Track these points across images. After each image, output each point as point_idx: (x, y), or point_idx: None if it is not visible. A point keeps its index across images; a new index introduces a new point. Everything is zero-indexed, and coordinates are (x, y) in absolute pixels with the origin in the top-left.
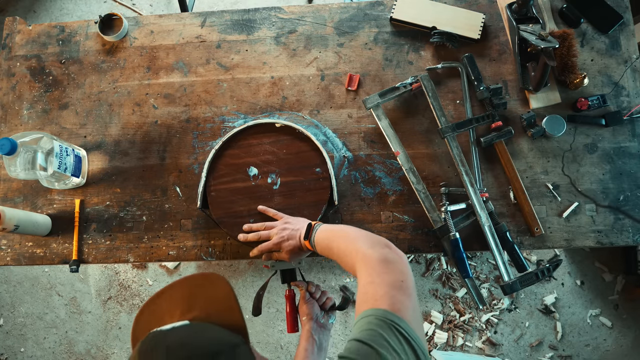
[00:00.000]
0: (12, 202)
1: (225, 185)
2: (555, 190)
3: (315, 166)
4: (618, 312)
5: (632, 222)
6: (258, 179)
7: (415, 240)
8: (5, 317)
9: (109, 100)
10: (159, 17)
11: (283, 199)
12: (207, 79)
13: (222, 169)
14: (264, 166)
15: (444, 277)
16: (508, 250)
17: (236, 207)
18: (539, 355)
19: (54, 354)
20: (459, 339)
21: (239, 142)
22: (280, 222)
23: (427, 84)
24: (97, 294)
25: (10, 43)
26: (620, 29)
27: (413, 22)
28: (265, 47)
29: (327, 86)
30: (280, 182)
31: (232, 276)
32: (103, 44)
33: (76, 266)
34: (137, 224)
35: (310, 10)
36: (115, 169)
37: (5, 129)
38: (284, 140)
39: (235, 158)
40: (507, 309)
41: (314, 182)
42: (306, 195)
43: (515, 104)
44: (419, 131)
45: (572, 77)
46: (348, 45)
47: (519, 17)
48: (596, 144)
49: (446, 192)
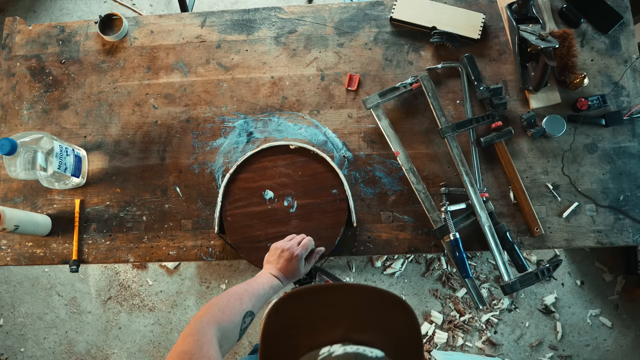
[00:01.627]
0: (12, 202)
1: (241, 209)
2: (555, 190)
3: (331, 187)
4: (618, 312)
5: (632, 222)
6: (274, 203)
7: (415, 240)
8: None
9: (109, 100)
10: (159, 17)
11: (300, 222)
12: (207, 79)
13: (237, 193)
14: (279, 189)
15: (444, 277)
16: (508, 250)
17: (253, 232)
18: (539, 355)
19: (54, 354)
20: (459, 339)
21: (252, 166)
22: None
23: (427, 84)
24: (97, 294)
25: (10, 43)
26: (620, 29)
27: (413, 22)
28: (265, 47)
29: (327, 86)
30: (297, 205)
31: (232, 276)
32: (103, 44)
33: (76, 266)
34: (137, 224)
35: (310, 10)
36: (115, 169)
37: (5, 129)
38: (299, 162)
39: (250, 182)
40: (507, 309)
41: (330, 204)
42: (323, 217)
43: (515, 104)
44: (419, 131)
45: (572, 77)
46: (348, 45)
47: (519, 17)
48: (596, 144)
49: (446, 192)
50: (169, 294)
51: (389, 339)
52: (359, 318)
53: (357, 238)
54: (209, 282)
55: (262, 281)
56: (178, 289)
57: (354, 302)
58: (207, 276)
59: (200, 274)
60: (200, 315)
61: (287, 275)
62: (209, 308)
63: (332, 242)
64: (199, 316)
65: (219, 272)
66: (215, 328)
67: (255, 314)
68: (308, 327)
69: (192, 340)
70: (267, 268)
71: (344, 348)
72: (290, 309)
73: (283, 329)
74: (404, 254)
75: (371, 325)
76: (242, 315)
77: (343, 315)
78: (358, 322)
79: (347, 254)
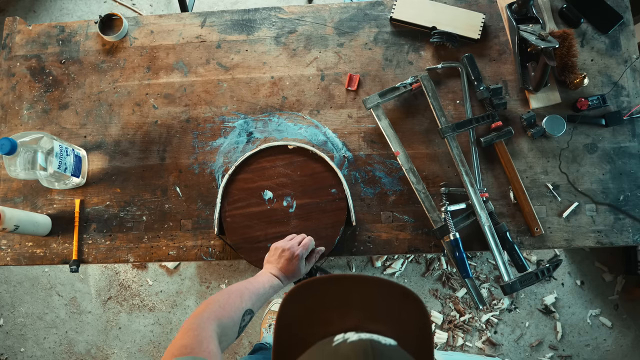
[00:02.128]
0: (12, 202)
1: (241, 210)
2: (555, 190)
3: (330, 187)
4: (618, 312)
5: (632, 222)
6: (273, 203)
7: (415, 240)
8: (5, 317)
9: (109, 100)
10: (159, 17)
11: (300, 221)
12: (207, 79)
13: (236, 194)
14: (278, 189)
15: (444, 277)
16: (508, 250)
17: (252, 232)
18: (539, 355)
19: (54, 354)
20: (459, 339)
21: (251, 166)
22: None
23: (427, 84)
24: (97, 294)
25: (10, 43)
26: (620, 29)
27: (413, 22)
28: (265, 47)
29: (327, 86)
30: (296, 204)
31: (232, 276)
32: (103, 44)
33: (76, 266)
34: (137, 224)
35: (310, 10)
36: (115, 169)
37: (5, 129)
38: (298, 162)
39: (248, 182)
40: (507, 309)
41: (330, 204)
42: (323, 217)
43: (515, 104)
44: (419, 131)
45: (572, 77)
46: (348, 45)
47: (519, 17)
48: (596, 144)
49: (446, 192)
50: (169, 294)
51: (400, 329)
52: (371, 308)
53: (357, 238)
54: (209, 282)
55: (263, 280)
56: (178, 289)
57: (366, 293)
58: (207, 276)
59: (200, 274)
60: (200, 311)
61: (287, 275)
62: (209, 304)
63: (331, 242)
64: (199, 312)
65: (219, 272)
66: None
67: (255, 313)
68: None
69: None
70: (267, 268)
71: (358, 335)
72: (305, 298)
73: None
74: (404, 254)
75: (383, 316)
76: (242, 313)
77: (355, 305)
78: (370, 312)
79: (347, 254)
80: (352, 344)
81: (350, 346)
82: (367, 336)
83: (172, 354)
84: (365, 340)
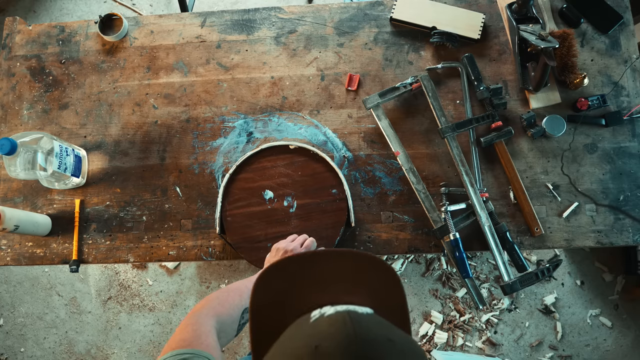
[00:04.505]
0: (12, 202)
1: (241, 209)
2: (555, 190)
3: (331, 187)
4: (618, 312)
5: (632, 222)
6: (274, 203)
7: (415, 240)
8: (5, 317)
9: (109, 100)
10: (159, 17)
11: (300, 221)
12: (207, 79)
13: (236, 194)
14: (279, 189)
15: (444, 277)
16: (508, 250)
17: (253, 232)
18: (539, 355)
19: (54, 354)
20: (459, 339)
21: (252, 166)
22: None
23: (427, 84)
24: (97, 294)
25: (10, 43)
26: (620, 29)
27: (413, 22)
28: (265, 47)
29: (327, 86)
30: (296, 204)
31: (232, 276)
32: (103, 44)
33: (76, 266)
34: (137, 224)
35: (310, 10)
36: (115, 169)
37: (5, 129)
38: (299, 162)
39: (249, 182)
40: (507, 309)
41: (330, 204)
42: (323, 217)
43: (515, 104)
44: (419, 131)
45: (572, 77)
46: (348, 45)
47: (519, 17)
48: (596, 144)
49: (446, 192)
50: (169, 294)
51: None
52: (346, 281)
53: (357, 238)
54: (209, 282)
55: None
56: (178, 289)
57: (340, 267)
58: (207, 276)
59: (200, 274)
60: (199, 307)
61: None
62: (209, 301)
63: (332, 242)
64: (198, 308)
65: (219, 272)
66: (214, 320)
67: None
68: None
69: (190, 329)
70: None
71: (334, 308)
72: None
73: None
74: (404, 254)
75: (358, 288)
76: (241, 311)
77: (330, 280)
78: (345, 285)
79: None
80: (329, 317)
81: (328, 320)
82: (344, 308)
83: (171, 348)
84: (342, 312)
